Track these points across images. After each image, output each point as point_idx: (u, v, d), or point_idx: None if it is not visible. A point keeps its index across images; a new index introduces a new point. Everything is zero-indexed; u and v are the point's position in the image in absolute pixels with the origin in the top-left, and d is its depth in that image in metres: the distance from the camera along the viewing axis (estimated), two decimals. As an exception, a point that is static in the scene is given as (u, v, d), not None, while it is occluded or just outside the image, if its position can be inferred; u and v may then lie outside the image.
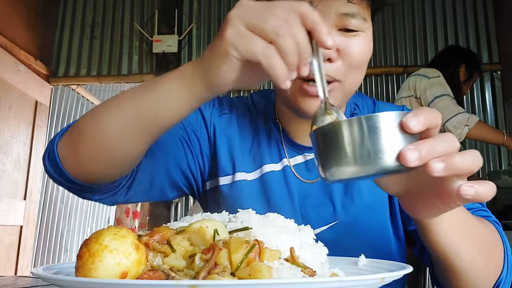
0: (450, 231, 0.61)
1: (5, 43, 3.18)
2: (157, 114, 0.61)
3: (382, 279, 0.43)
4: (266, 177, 0.85)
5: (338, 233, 0.81)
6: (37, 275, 0.45)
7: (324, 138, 0.49)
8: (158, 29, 3.72)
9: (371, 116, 0.46)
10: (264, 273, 0.42)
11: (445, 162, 0.45)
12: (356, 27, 0.72)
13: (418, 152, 0.44)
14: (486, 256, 0.66)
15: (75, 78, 3.84)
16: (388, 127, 0.45)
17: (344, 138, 0.46)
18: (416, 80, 2.47)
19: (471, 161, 0.46)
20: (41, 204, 4.30)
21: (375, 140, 0.45)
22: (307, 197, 0.84)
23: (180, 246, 0.47)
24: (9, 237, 3.27)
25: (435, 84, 2.41)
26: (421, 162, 0.44)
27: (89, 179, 0.71)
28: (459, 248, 0.62)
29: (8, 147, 3.22)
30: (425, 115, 0.46)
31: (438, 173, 0.45)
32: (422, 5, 3.70)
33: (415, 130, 0.45)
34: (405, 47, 3.66)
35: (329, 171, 0.48)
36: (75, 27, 3.90)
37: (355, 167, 0.46)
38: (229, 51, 0.52)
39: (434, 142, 0.45)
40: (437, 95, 2.37)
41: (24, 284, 1.01)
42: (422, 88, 2.43)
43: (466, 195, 0.46)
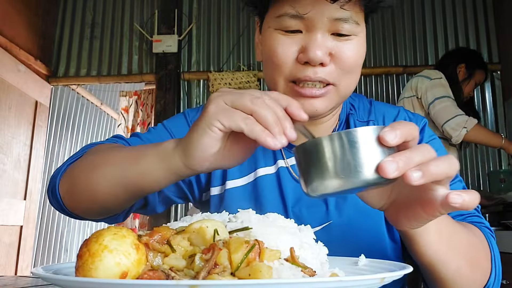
0: (435, 242, 0.62)
1: (5, 43, 3.17)
2: (140, 184, 0.66)
3: (382, 279, 0.43)
4: (259, 181, 0.86)
5: (331, 233, 0.81)
6: (37, 275, 0.45)
7: (305, 154, 0.50)
8: (158, 29, 3.72)
9: (350, 131, 0.48)
10: (264, 273, 0.42)
11: (422, 170, 0.47)
12: (349, 31, 0.73)
13: (396, 163, 0.46)
14: (472, 265, 0.67)
15: (75, 78, 3.84)
16: (366, 141, 0.47)
17: (325, 153, 0.48)
18: (418, 81, 2.50)
19: (447, 165, 0.48)
20: (41, 204, 4.29)
21: (354, 154, 0.47)
22: (302, 198, 0.85)
23: (180, 246, 0.47)
24: (9, 237, 3.27)
25: (436, 85, 2.44)
26: (400, 173, 0.46)
27: (90, 217, 0.81)
28: (445, 258, 0.64)
29: (8, 147, 3.22)
30: (402, 128, 0.48)
31: (416, 182, 0.46)
32: (422, 5, 3.70)
33: (392, 143, 0.47)
34: (405, 47, 3.66)
35: (311, 186, 0.50)
36: (75, 27, 3.90)
37: (337, 181, 0.48)
38: (212, 123, 0.55)
39: (411, 154, 0.47)
40: (438, 97, 2.40)
41: (24, 284, 1.01)
42: (424, 89, 2.46)
43: (454, 203, 0.48)
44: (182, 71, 3.72)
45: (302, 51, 0.72)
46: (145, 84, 3.86)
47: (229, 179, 0.87)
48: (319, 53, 0.70)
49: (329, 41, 0.72)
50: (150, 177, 0.64)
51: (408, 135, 0.49)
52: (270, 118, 0.54)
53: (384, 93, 3.62)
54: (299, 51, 0.73)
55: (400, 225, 0.58)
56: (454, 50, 2.83)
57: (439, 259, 0.63)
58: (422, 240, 0.61)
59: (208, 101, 0.57)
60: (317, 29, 0.71)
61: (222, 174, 0.88)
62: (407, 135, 0.49)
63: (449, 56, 2.66)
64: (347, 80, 0.76)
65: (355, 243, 0.80)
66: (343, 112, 0.90)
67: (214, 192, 0.88)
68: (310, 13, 0.71)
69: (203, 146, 0.57)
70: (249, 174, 0.87)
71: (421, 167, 0.47)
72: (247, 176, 0.87)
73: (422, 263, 0.65)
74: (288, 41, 0.73)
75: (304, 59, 0.72)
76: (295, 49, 0.73)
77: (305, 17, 0.71)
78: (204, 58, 3.77)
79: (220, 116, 0.54)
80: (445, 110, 2.37)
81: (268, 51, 0.76)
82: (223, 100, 0.56)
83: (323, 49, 0.71)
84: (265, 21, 0.79)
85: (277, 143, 0.53)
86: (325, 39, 0.72)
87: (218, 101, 0.56)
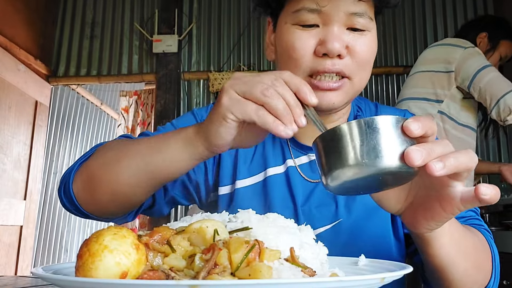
0: (448, 245, 0.63)
1: (5, 42, 3.17)
2: (164, 171, 0.69)
3: (382, 279, 0.43)
4: (269, 180, 0.87)
5: (340, 232, 0.82)
6: (37, 275, 0.45)
7: (325, 143, 0.50)
8: (158, 29, 3.72)
9: (370, 118, 0.48)
10: (264, 273, 0.42)
11: (443, 161, 0.48)
12: (363, 26, 0.76)
13: (420, 152, 0.47)
14: (477, 267, 0.70)
15: (75, 78, 3.84)
16: (388, 129, 0.48)
17: (346, 139, 0.48)
18: (447, 51, 2.00)
19: (467, 158, 0.49)
20: (41, 204, 4.30)
21: (376, 140, 0.47)
22: (311, 197, 0.85)
23: (180, 246, 0.47)
24: (9, 237, 3.27)
25: (475, 53, 1.96)
26: (423, 162, 0.47)
27: (104, 215, 0.80)
28: (455, 260, 0.65)
29: (8, 147, 3.22)
30: (424, 121, 0.49)
31: (439, 172, 0.47)
32: (423, 5, 3.70)
33: (415, 133, 0.48)
34: (405, 47, 3.66)
35: (331, 175, 0.50)
36: (75, 26, 3.90)
37: (357, 167, 0.48)
38: (226, 115, 0.58)
39: (432, 145, 0.49)
40: (485, 64, 1.91)
41: (24, 284, 1.01)
42: (460, 59, 1.94)
43: (485, 194, 0.48)
44: (182, 71, 3.72)
45: (320, 43, 0.75)
46: (145, 84, 3.86)
47: (238, 179, 0.88)
48: (337, 44, 0.73)
49: (346, 35, 0.75)
50: (175, 164, 0.67)
51: (429, 129, 0.50)
52: (281, 108, 0.55)
53: (384, 93, 3.62)
54: (317, 44, 0.75)
55: (418, 227, 0.59)
56: (476, 18, 2.38)
57: (449, 261, 0.65)
58: (436, 242, 0.62)
59: (221, 90, 0.60)
60: (334, 22, 0.74)
61: (232, 173, 0.89)
62: (428, 128, 0.50)
63: (470, 25, 2.21)
64: (361, 74, 0.78)
65: (362, 242, 0.81)
66: (351, 113, 0.92)
67: (222, 192, 0.89)
68: (328, 7, 0.74)
69: (221, 135, 0.60)
70: (258, 173, 0.88)
71: (442, 158, 0.48)
72: (256, 175, 0.88)
73: (433, 265, 0.67)
74: (306, 35, 0.76)
75: (322, 51, 0.74)
76: (313, 42, 0.75)
77: (323, 11, 0.74)
78: (204, 58, 3.77)
79: (233, 108, 0.57)
80: (499, 79, 1.88)
81: (286, 46, 0.78)
82: (235, 91, 0.58)
83: (340, 42, 0.74)
84: (280, 18, 0.81)
85: (288, 132, 0.55)
86: (342, 32, 0.75)
87: (231, 93, 0.58)
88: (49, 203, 4.61)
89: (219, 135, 0.60)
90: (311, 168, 0.87)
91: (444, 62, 1.99)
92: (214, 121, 0.60)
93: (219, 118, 0.58)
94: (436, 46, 2.08)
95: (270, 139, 0.89)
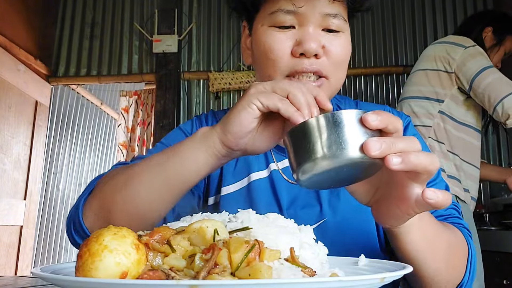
0: (418, 242, 0.64)
1: (4, 42, 3.17)
2: (182, 175, 0.67)
3: (382, 279, 0.43)
4: (253, 185, 0.88)
5: (325, 231, 0.83)
6: (37, 275, 0.45)
7: (293, 138, 0.53)
8: (158, 29, 3.72)
9: (335, 113, 0.50)
10: (264, 273, 0.42)
11: (402, 157, 0.49)
12: (338, 27, 0.78)
13: (380, 144, 0.48)
14: (450, 265, 0.71)
15: (75, 78, 3.84)
16: (351, 122, 0.50)
17: (311, 134, 0.50)
18: (448, 50, 1.94)
19: (428, 160, 0.50)
20: (41, 204, 4.30)
21: (339, 133, 0.49)
22: (296, 199, 0.86)
23: (180, 246, 0.47)
24: (9, 237, 3.27)
25: (476, 53, 1.88)
26: (381, 154, 0.48)
27: None
28: (426, 258, 0.66)
29: (8, 147, 3.22)
30: (384, 115, 0.51)
31: (395, 166, 0.49)
32: (422, 5, 3.69)
33: (373, 125, 0.50)
34: (405, 47, 3.66)
35: (300, 169, 0.51)
36: (75, 26, 3.90)
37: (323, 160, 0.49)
38: (252, 101, 0.60)
39: (394, 140, 0.50)
40: (485, 66, 1.84)
41: (24, 284, 1.01)
42: (459, 60, 1.89)
43: (430, 199, 0.50)
44: (182, 71, 3.72)
45: (297, 44, 0.77)
46: (145, 84, 3.86)
47: (223, 186, 0.89)
48: (314, 44, 0.75)
49: (321, 36, 0.78)
50: (193, 165, 0.65)
51: (389, 123, 0.51)
52: (303, 100, 0.58)
53: (384, 93, 3.62)
54: (294, 45, 0.77)
55: (382, 223, 0.61)
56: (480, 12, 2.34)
57: (420, 258, 0.66)
58: (404, 238, 0.63)
59: (248, 87, 0.63)
60: (310, 23, 0.77)
61: (217, 182, 0.90)
62: (388, 123, 0.51)
63: (474, 18, 2.14)
64: (337, 74, 0.80)
65: (348, 240, 0.82)
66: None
67: (210, 202, 0.91)
68: (304, 8, 0.76)
69: (240, 121, 0.60)
70: (242, 179, 0.89)
71: (402, 154, 0.49)
72: (240, 181, 0.89)
73: (404, 260, 0.68)
74: (283, 36, 0.78)
75: (299, 51, 0.76)
76: (290, 43, 0.77)
77: (299, 12, 0.76)
78: (204, 58, 3.77)
79: (259, 95, 0.60)
80: (500, 82, 1.80)
81: (263, 48, 0.79)
82: (262, 86, 0.61)
83: (317, 42, 0.76)
84: (256, 21, 0.82)
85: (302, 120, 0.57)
86: (318, 33, 0.77)
87: (258, 86, 0.61)
88: (49, 203, 4.61)
89: (238, 121, 0.60)
90: None
91: (444, 62, 1.94)
92: (236, 109, 0.61)
93: (244, 104, 0.60)
94: (438, 44, 2.03)
95: None
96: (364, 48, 3.66)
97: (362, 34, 3.67)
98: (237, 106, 0.61)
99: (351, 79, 3.65)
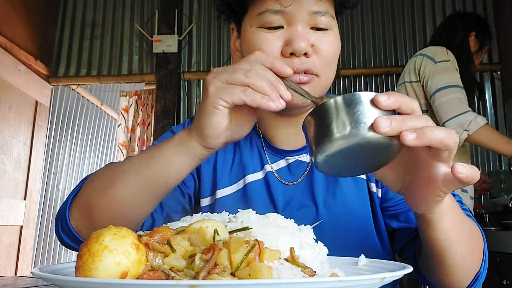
0: (449, 228, 0.64)
1: (5, 43, 3.17)
2: (162, 178, 0.69)
3: (382, 279, 0.43)
4: (249, 187, 0.88)
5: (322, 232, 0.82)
6: (37, 275, 0.45)
7: (311, 122, 0.53)
8: (158, 29, 3.72)
9: (350, 94, 0.51)
10: (264, 273, 0.42)
11: (416, 132, 0.49)
12: (326, 25, 0.79)
13: (389, 121, 0.49)
14: (472, 252, 0.72)
15: (75, 78, 3.84)
16: (365, 103, 0.51)
17: (327, 115, 0.51)
18: (422, 62, 2.10)
19: (443, 133, 0.50)
20: (41, 204, 4.29)
21: (353, 113, 0.50)
22: (291, 200, 0.87)
23: (180, 246, 0.47)
24: (9, 237, 3.27)
25: (441, 71, 2.04)
26: (391, 131, 0.49)
27: None
28: (454, 244, 0.67)
29: (8, 147, 3.22)
30: (396, 95, 0.51)
31: (411, 142, 0.49)
32: (422, 5, 3.69)
33: (384, 104, 0.50)
34: (405, 48, 3.65)
35: (318, 151, 0.52)
36: (75, 27, 3.90)
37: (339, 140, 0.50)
38: (216, 102, 0.60)
39: (405, 117, 0.51)
40: (441, 87, 2.01)
41: (24, 284, 1.01)
42: (427, 75, 2.06)
43: (460, 173, 0.50)
44: (182, 71, 3.71)
45: (286, 44, 0.77)
46: (145, 84, 3.86)
47: (218, 189, 0.89)
48: (303, 43, 0.75)
49: (310, 34, 0.78)
50: (172, 168, 0.68)
51: (403, 104, 0.52)
52: (266, 86, 0.59)
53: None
54: (283, 45, 0.77)
55: (415, 208, 0.61)
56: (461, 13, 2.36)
57: (448, 245, 0.66)
58: (437, 224, 0.63)
59: (205, 83, 0.62)
60: (298, 22, 0.77)
61: (212, 184, 0.90)
62: (401, 103, 0.51)
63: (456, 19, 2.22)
64: (327, 72, 0.80)
65: (345, 240, 0.82)
66: None
67: (204, 203, 0.91)
68: (291, 7, 0.76)
69: (213, 124, 0.62)
70: (238, 181, 0.90)
71: (416, 130, 0.50)
72: (236, 183, 0.90)
73: (433, 248, 0.68)
74: (272, 37, 0.78)
75: (289, 50, 0.76)
76: (279, 43, 0.78)
77: (286, 11, 0.76)
78: (204, 58, 3.77)
79: (221, 94, 0.60)
80: (452, 103, 1.98)
81: (253, 49, 0.79)
82: (219, 80, 0.61)
83: (306, 40, 0.76)
84: (244, 23, 0.83)
85: (278, 105, 0.59)
86: (306, 32, 0.77)
87: (215, 82, 0.61)
88: (49, 203, 4.61)
89: (212, 125, 0.62)
90: (289, 171, 0.89)
91: (418, 73, 2.12)
92: (204, 112, 0.62)
93: (210, 107, 0.61)
94: (415, 57, 2.17)
95: (248, 146, 0.91)
96: (364, 49, 3.66)
97: (362, 35, 3.67)
98: (203, 109, 0.62)
99: (351, 79, 3.65)
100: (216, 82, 0.61)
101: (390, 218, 0.87)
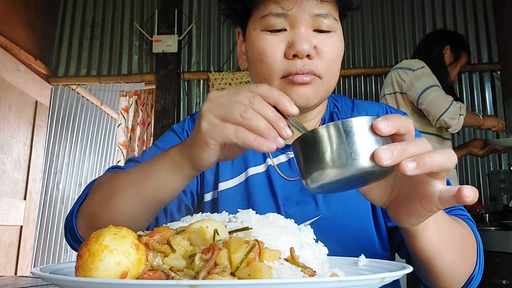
0: (434, 238, 0.64)
1: (5, 43, 3.17)
2: (158, 197, 0.71)
3: (382, 279, 0.43)
4: (250, 180, 0.89)
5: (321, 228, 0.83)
6: (37, 275, 0.45)
7: (302, 147, 0.52)
8: (158, 29, 3.72)
9: (345, 121, 0.49)
10: (264, 273, 0.42)
11: (416, 161, 0.48)
12: (329, 27, 0.79)
13: (391, 152, 0.48)
14: (463, 257, 0.71)
15: (75, 78, 3.84)
16: (361, 130, 0.49)
17: (321, 143, 0.49)
18: (399, 74, 2.38)
19: (443, 158, 0.50)
20: (41, 204, 4.29)
21: (349, 142, 0.48)
22: (291, 195, 0.87)
23: (180, 246, 0.47)
24: (9, 237, 3.27)
25: (422, 75, 2.31)
26: (393, 162, 0.48)
27: None
28: (442, 252, 0.66)
29: (8, 147, 3.22)
30: (395, 119, 0.50)
31: (411, 172, 0.48)
32: (422, 5, 3.70)
33: (385, 132, 0.49)
34: (405, 47, 3.66)
35: (310, 177, 0.51)
36: (75, 27, 3.90)
37: (333, 170, 0.49)
38: (207, 141, 0.59)
39: (405, 145, 0.49)
40: (428, 86, 2.28)
41: (24, 284, 1.01)
42: (409, 81, 2.33)
43: (467, 196, 0.49)
44: (182, 71, 3.72)
45: (289, 46, 0.78)
46: (145, 84, 3.86)
47: (221, 181, 0.90)
48: (305, 45, 0.76)
49: (313, 36, 0.78)
50: (167, 188, 0.69)
51: (401, 127, 0.51)
52: (263, 126, 0.56)
53: (384, 93, 3.62)
54: (286, 47, 0.78)
55: (401, 222, 0.60)
56: (437, 31, 2.73)
57: (436, 254, 0.66)
58: (421, 236, 0.63)
59: (199, 116, 0.61)
60: (301, 24, 0.77)
61: (214, 179, 0.91)
62: (400, 127, 0.51)
63: (433, 37, 2.54)
64: (331, 74, 0.81)
65: (344, 236, 0.83)
66: (327, 112, 0.94)
67: (207, 198, 0.92)
68: (293, 10, 0.77)
69: (205, 158, 0.62)
70: (240, 174, 0.90)
71: (416, 158, 0.48)
72: (238, 176, 0.90)
73: (420, 257, 0.68)
74: (275, 40, 0.79)
75: (292, 52, 0.77)
76: (283, 46, 0.78)
77: (289, 14, 0.77)
78: (204, 58, 3.77)
79: (212, 133, 0.58)
80: (438, 99, 2.25)
81: (257, 52, 0.80)
82: (213, 115, 0.59)
83: (308, 42, 0.77)
84: (249, 26, 0.84)
85: (272, 146, 0.55)
86: (309, 34, 0.78)
87: (209, 117, 0.59)
88: (49, 203, 4.61)
89: (203, 159, 0.62)
90: (289, 167, 0.89)
91: (398, 85, 2.39)
92: (196, 147, 0.62)
93: (201, 144, 0.60)
94: (393, 70, 2.43)
95: None
96: (364, 49, 3.66)
97: (362, 35, 3.67)
98: (195, 141, 0.61)
99: (351, 79, 3.65)
100: (209, 118, 0.59)
101: (386, 216, 0.87)
